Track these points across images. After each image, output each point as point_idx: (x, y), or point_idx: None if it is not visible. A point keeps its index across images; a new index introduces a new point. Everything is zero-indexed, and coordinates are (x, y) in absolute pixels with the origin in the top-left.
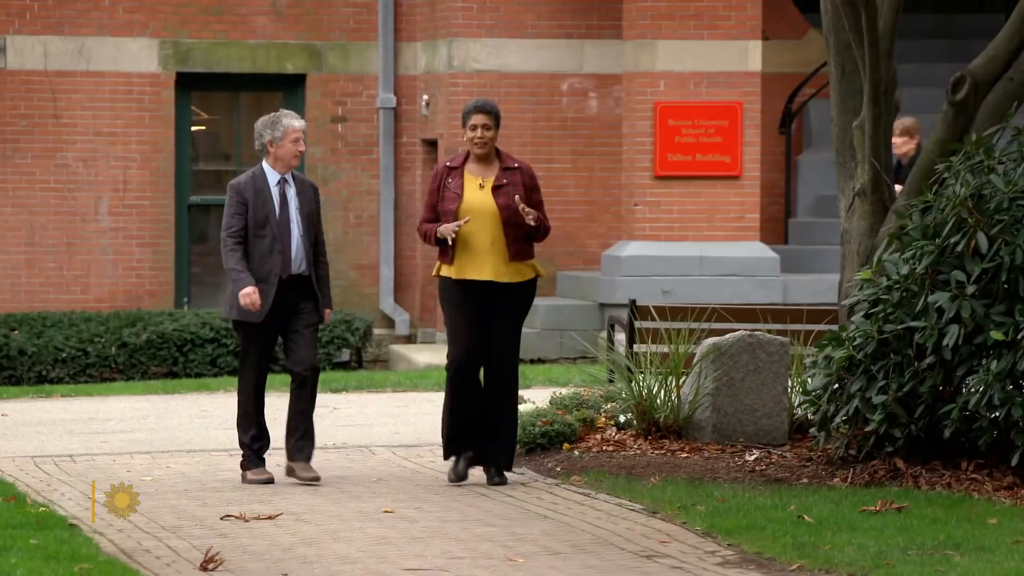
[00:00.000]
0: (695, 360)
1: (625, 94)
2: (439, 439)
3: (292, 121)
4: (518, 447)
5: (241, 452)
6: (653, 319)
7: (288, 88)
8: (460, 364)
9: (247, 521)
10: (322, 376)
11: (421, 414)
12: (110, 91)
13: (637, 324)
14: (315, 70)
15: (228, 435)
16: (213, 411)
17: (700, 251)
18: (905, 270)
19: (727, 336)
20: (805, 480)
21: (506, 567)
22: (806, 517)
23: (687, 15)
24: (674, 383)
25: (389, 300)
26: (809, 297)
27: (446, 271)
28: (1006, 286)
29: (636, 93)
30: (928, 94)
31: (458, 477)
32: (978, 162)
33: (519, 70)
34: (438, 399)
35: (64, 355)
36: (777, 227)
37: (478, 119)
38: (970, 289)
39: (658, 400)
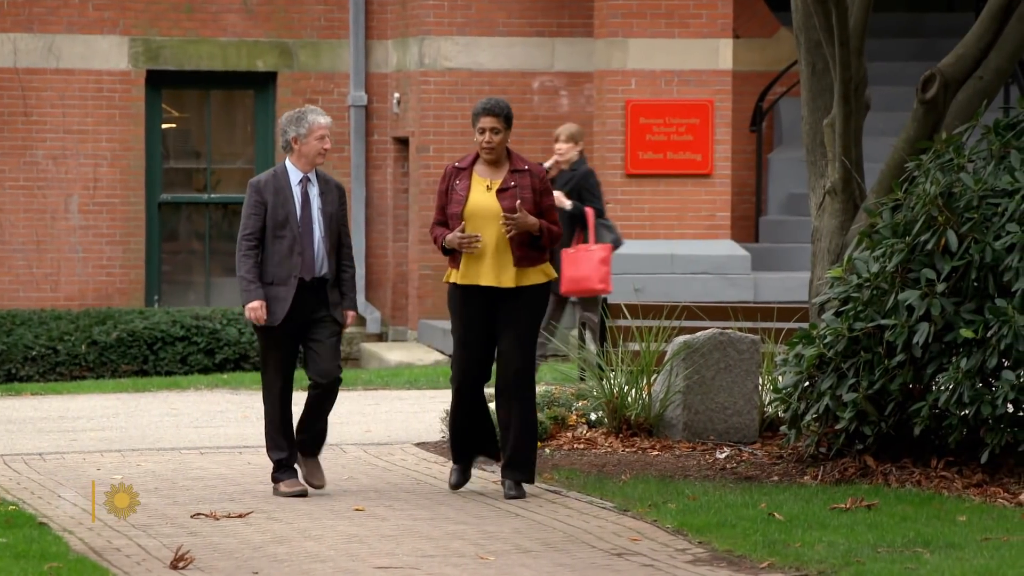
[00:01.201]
0: (666, 358)
1: (596, 92)
2: (410, 437)
3: (318, 117)
4: None
5: (271, 463)
6: (624, 317)
7: (259, 86)
8: (465, 376)
9: (218, 519)
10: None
11: (392, 412)
12: (80, 89)
13: (608, 322)
14: (286, 68)
15: (198, 433)
16: (183, 409)
17: (671, 249)
18: (875, 268)
19: (698, 334)
20: (775, 478)
21: (477, 565)
22: (776, 515)
23: (658, 13)
24: (645, 381)
25: (360, 298)
26: (780, 295)
27: (454, 277)
28: (976, 284)
29: (607, 91)
30: (898, 92)
31: (459, 483)
32: (948, 160)
33: (490, 68)
34: (409, 397)
35: (34, 353)
36: (748, 225)
37: (487, 122)
38: (940, 287)
39: (629, 398)
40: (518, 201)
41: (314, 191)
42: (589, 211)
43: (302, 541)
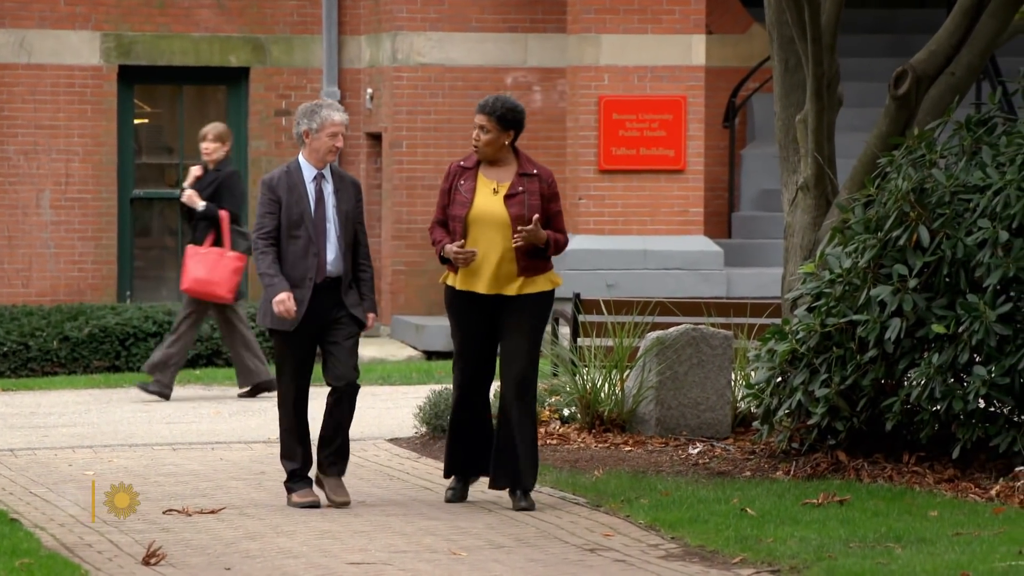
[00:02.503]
0: (639, 354)
1: (569, 88)
2: (383, 433)
3: (332, 113)
4: None
5: (284, 472)
6: (597, 313)
7: (232, 81)
8: (466, 386)
9: (190, 515)
10: None
11: (365, 408)
12: (51, 84)
13: (581, 318)
14: (259, 63)
15: (170, 429)
16: (155, 405)
17: (644, 245)
18: (848, 264)
19: (671, 330)
20: (748, 473)
21: (450, 561)
22: (749, 510)
23: (631, 9)
24: (618, 377)
25: None
26: (752, 291)
27: (451, 280)
28: (948, 280)
29: (580, 87)
30: (871, 88)
31: (456, 499)
32: (920, 156)
33: (463, 64)
34: (382, 393)
35: (5, 349)
36: (721, 221)
37: (477, 119)
38: (912, 283)
39: (602, 394)
40: (536, 216)
41: (328, 188)
42: (223, 214)
43: (274, 537)
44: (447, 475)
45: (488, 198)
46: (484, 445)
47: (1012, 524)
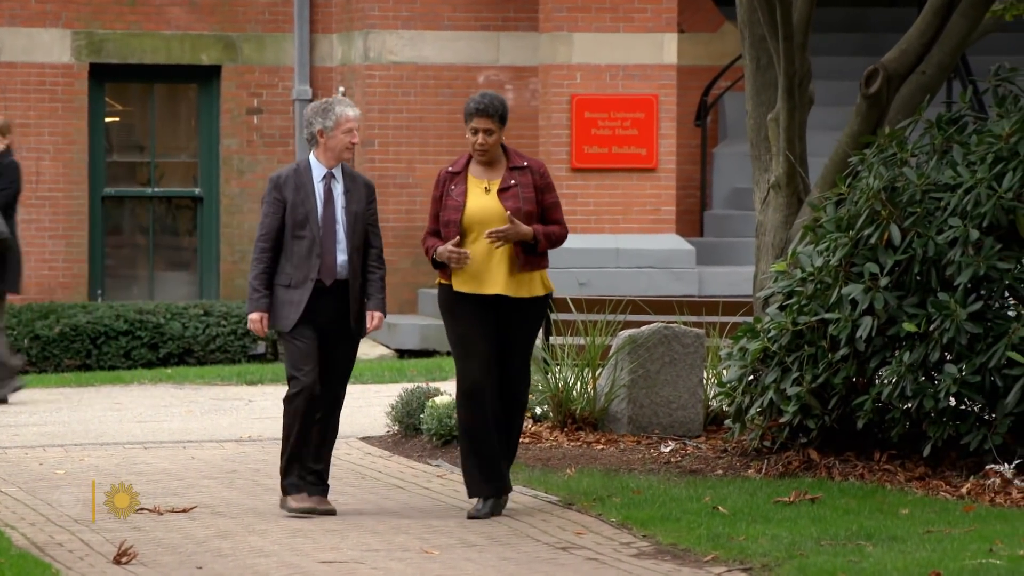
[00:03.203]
0: (611, 352)
1: (541, 86)
2: (354, 431)
3: (346, 110)
4: (433, 440)
5: (281, 475)
6: (569, 311)
7: (203, 79)
8: (476, 384)
9: (161, 514)
10: (237, 369)
11: None
12: (22, 82)
13: (553, 316)
14: (230, 61)
15: (142, 428)
16: (127, 404)
17: (616, 243)
18: (819, 262)
19: (643, 328)
20: (720, 471)
21: (422, 559)
22: (721, 508)
23: (603, 8)
24: (590, 375)
25: None
26: (724, 289)
27: (446, 279)
28: (919, 278)
29: (552, 85)
30: (842, 87)
31: (487, 515)
32: (891, 155)
33: (435, 62)
34: (354, 391)
35: None
36: (693, 219)
37: (479, 123)
38: (883, 281)
39: (574, 392)
40: (507, 213)
41: (338, 188)
42: None
43: (246, 536)
44: (473, 495)
45: (481, 198)
46: (503, 445)
47: (982, 522)
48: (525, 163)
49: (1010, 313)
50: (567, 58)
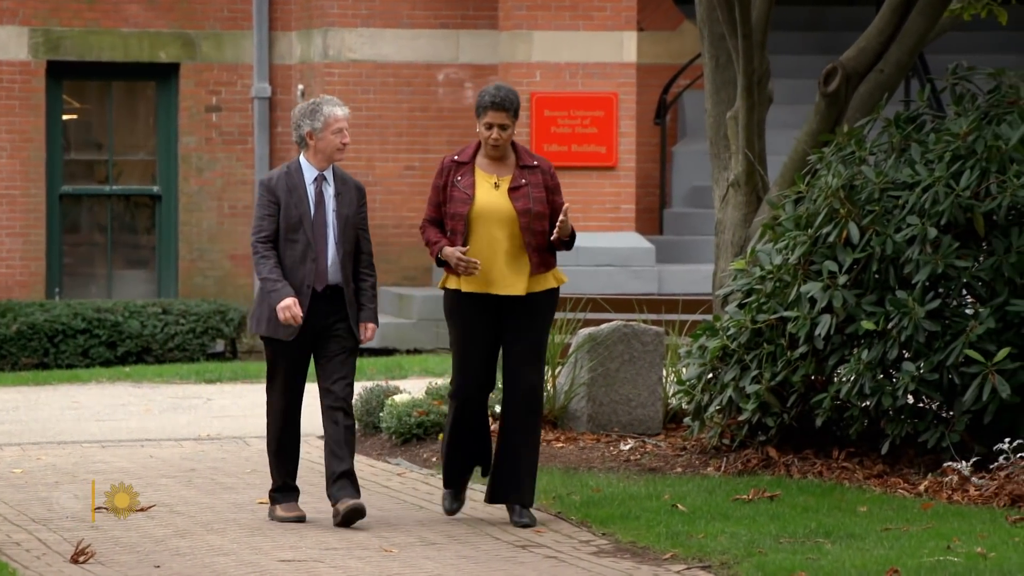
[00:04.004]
0: (571, 350)
1: None
2: (315, 430)
3: (334, 109)
4: (393, 438)
5: (271, 481)
6: None
7: (161, 77)
8: (469, 394)
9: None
10: (196, 367)
11: None
12: None
13: None
14: (189, 59)
15: (99, 427)
16: (85, 402)
17: (576, 241)
18: (778, 260)
19: (602, 326)
20: (679, 469)
21: (381, 558)
22: (680, 506)
23: (562, 6)
24: (550, 373)
25: None
26: (684, 287)
27: (453, 283)
28: (877, 276)
29: (512, 83)
30: (801, 85)
31: (457, 509)
32: (850, 153)
33: (395, 60)
34: (314, 390)
35: None
36: (652, 217)
37: (494, 117)
38: (842, 279)
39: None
40: (566, 205)
41: (329, 191)
42: None
43: (204, 535)
44: (448, 485)
45: (490, 193)
46: (483, 449)
47: (940, 519)
48: (535, 162)
49: (968, 311)
50: (527, 56)
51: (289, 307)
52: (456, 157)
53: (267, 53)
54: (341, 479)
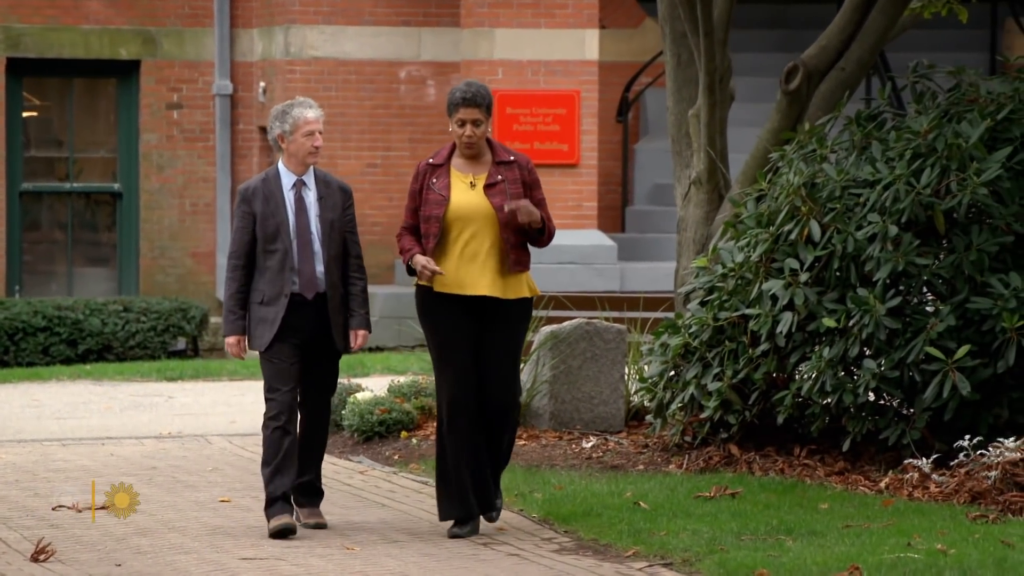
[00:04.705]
0: (533, 348)
1: None
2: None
3: (304, 111)
4: (355, 436)
5: (265, 492)
6: None
7: (122, 74)
8: (458, 404)
9: (80, 512)
10: (157, 365)
11: (258, 403)
12: None
13: None
14: (149, 56)
15: (60, 425)
16: (45, 401)
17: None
18: (740, 258)
19: (565, 324)
20: (641, 467)
21: (343, 556)
22: (642, 503)
23: (524, 3)
24: None
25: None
26: (646, 285)
27: (426, 281)
28: (838, 274)
29: None
30: (763, 83)
31: (469, 535)
32: (811, 151)
33: (357, 57)
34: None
35: None
36: (614, 215)
37: (466, 113)
38: (803, 277)
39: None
40: (521, 197)
41: (310, 196)
42: None
43: (166, 533)
44: (445, 518)
45: (465, 193)
46: (482, 475)
47: (901, 516)
48: (511, 158)
49: (928, 308)
50: (489, 54)
51: (231, 345)
52: (431, 160)
53: (228, 50)
54: (302, 487)
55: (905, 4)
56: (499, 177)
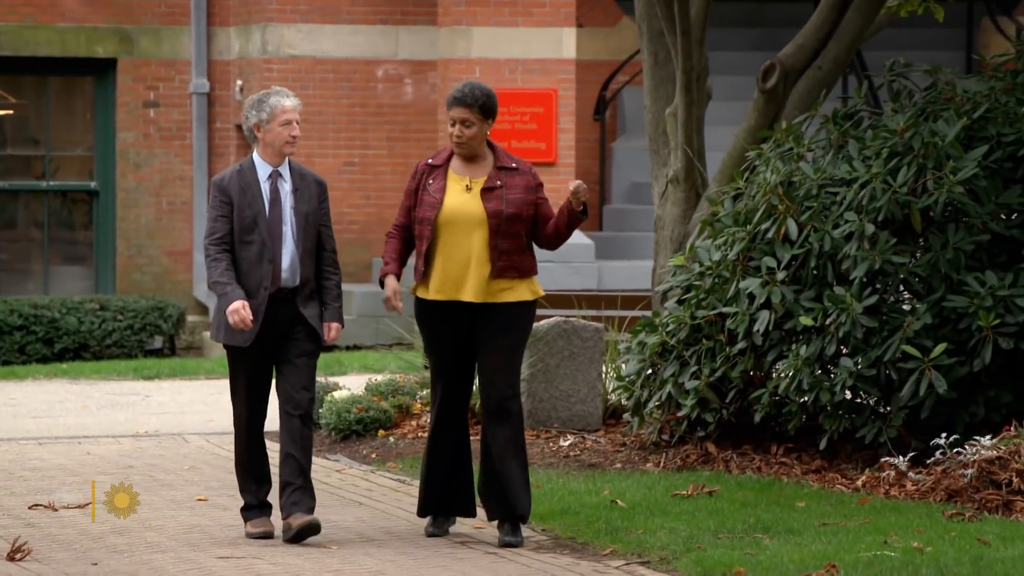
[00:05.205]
0: None
1: (440, 80)
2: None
3: (282, 100)
4: (333, 435)
5: (241, 499)
6: None
7: (99, 73)
8: (447, 410)
9: (56, 510)
10: (134, 364)
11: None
12: None
13: None
14: (126, 54)
15: (36, 424)
16: (21, 399)
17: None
18: (717, 256)
19: (542, 322)
20: (619, 465)
21: (320, 555)
22: (619, 502)
23: (502, 2)
24: None
25: (202, 287)
26: (623, 283)
27: (421, 291)
28: (815, 272)
29: (452, 79)
30: (740, 82)
31: (439, 535)
32: (788, 149)
33: (334, 56)
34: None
35: None
36: (591, 214)
37: (456, 112)
38: (780, 275)
39: (473, 386)
40: (578, 182)
41: (286, 187)
42: None
43: (143, 531)
44: (423, 514)
45: (460, 196)
46: (463, 479)
47: (877, 514)
48: (514, 164)
49: (905, 307)
50: (466, 52)
51: (237, 310)
52: (430, 160)
53: (205, 49)
54: (296, 491)
55: (881, 3)
56: (498, 182)
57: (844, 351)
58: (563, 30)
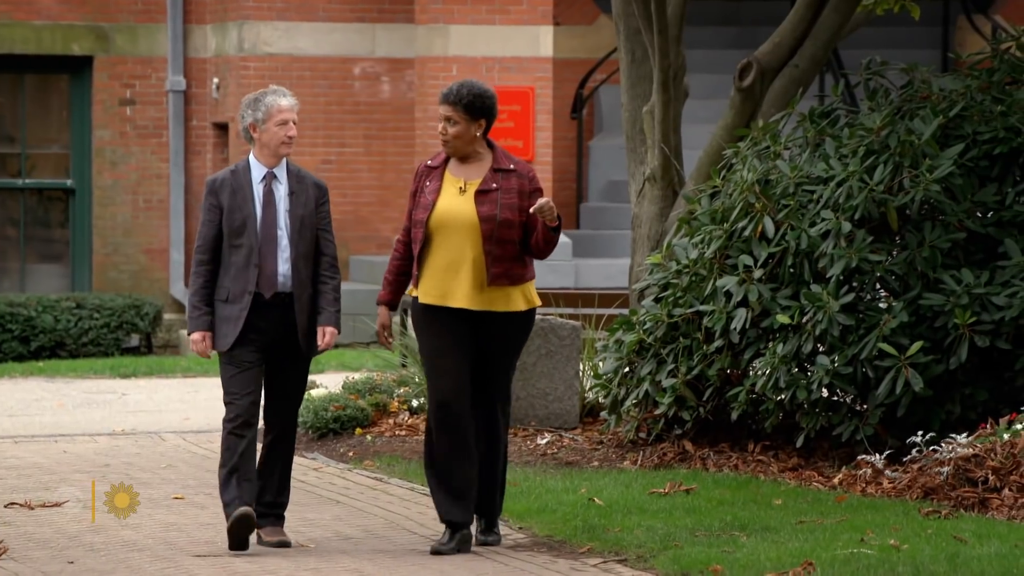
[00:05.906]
0: None
1: (418, 78)
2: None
3: (278, 99)
4: (310, 433)
5: (223, 504)
6: None
7: (75, 70)
8: (444, 408)
9: (32, 509)
10: (110, 362)
11: (212, 399)
12: None
13: None
14: (102, 52)
15: (12, 422)
16: None
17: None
18: (694, 254)
19: None
20: (596, 463)
21: (298, 552)
22: (596, 500)
23: (479, 0)
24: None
25: (179, 285)
26: (600, 281)
27: (416, 293)
28: (792, 270)
29: (429, 77)
30: (717, 80)
31: (443, 551)
32: (765, 148)
33: (311, 54)
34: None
35: None
36: (568, 212)
37: (443, 110)
38: (757, 273)
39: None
40: (541, 202)
41: (281, 190)
42: None
43: (119, 530)
44: (446, 518)
45: (454, 198)
46: (470, 472)
47: (854, 512)
48: (512, 166)
49: (881, 305)
50: (443, 50)
51: (196, 342)
52: (429, 162)
53: (182, 46)
54: (265, 506)
55: (858, 1)
56: (494, 185)
57: (821, 349)
58: (540, 28)
